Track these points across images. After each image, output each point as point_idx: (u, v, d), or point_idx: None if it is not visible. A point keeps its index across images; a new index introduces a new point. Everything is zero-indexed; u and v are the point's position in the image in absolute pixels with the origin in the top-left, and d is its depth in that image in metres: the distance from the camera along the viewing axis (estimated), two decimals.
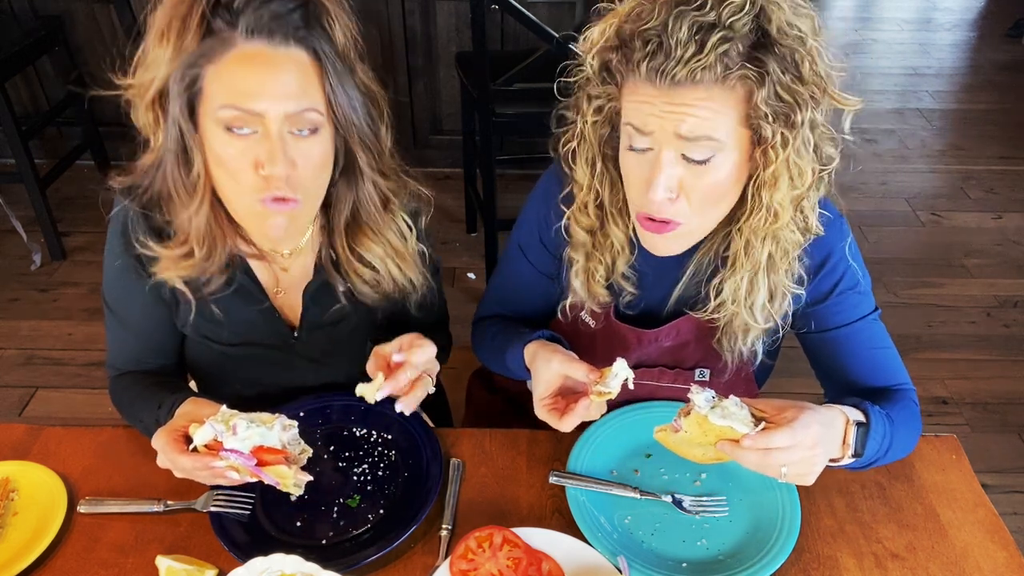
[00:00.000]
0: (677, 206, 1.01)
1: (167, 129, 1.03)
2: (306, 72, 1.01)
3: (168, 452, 1.02)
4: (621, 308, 1.24)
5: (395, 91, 3.50)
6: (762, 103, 0.94)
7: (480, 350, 1.40)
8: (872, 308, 1.17)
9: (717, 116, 0.95)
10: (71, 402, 2.54)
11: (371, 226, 1.18)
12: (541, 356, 1.13)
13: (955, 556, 1.07)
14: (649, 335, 1.24)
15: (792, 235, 1.07)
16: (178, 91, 1.00)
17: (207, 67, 0.99)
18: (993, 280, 3.11)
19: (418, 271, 1.25)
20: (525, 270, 1.33)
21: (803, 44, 0.94)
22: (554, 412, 1.09)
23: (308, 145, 1.03)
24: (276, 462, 1.02)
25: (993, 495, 1.15)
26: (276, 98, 0.99)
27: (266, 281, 1.23)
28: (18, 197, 3.19)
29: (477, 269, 3.13)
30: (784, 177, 0.99)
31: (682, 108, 0.94)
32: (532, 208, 1.29)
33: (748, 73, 0.93)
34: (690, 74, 0.92)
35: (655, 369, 1.28)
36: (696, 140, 0.96)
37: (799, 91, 0.95)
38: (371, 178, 1.14)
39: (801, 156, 0.98)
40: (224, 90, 0.99)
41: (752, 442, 0.95)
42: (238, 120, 0.99)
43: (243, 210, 1.08)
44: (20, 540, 1.08)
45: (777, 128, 0.96)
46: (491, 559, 1.02)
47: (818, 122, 0.99)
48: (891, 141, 4.10)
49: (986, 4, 6.01)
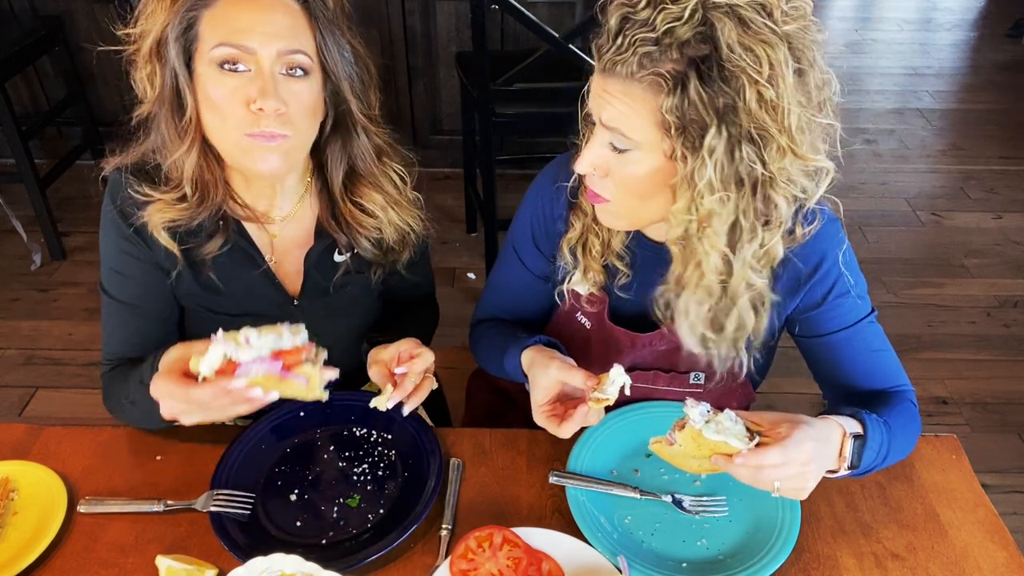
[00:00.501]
0: (604, 183, 1.05)
1: (163, 77, 1.07)
2: (296, 18, 1.07)
3: (177, 390, 0.98)
4: (616, 291, 1.23)
5: (395, 91, 3.51)
6: (667, 112, 0.92)
7: (478, 354, 1.40)
8: (868, 311, 1.17)
9: (631, 112, 0.95)
10: (71, 402, 2.54)
11: (368, 177, 1.22)
12: (539, 362, 1.13)
13: (955, 556, 1.07)
14: (643, 339, 1.24)
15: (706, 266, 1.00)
16: (175, 36, 1.04)
17: (203, 11, 1.04)
18: (993, 280, 3.11)
19: (414, 215, 1.28)
20: (519, 272, 1.33)
21: (756, 73, 0.88)
22: (553, 419, 1.09)
23: (299, 87, 1.08)
24: (299, 362, 0.98)
25: (993, 495, 1.15)
26: (268, 36, 1.04)
27: (262, 245, 1.24)
28: (18, 197, 3.19)
29: (477, 269, 3.13)
30: (682, 195, 0.96)
31: (606, 96, 0.97)
32: (526, 209, 1.29)
33: (659, 80, 0.91)
34: (611, 63, 0.94)
35: (650, 372, 1.29)
36: (613, 130, 0.98)
37: (719, 116, 0.90)
38: (364, 127, 1.18)
39: (704, 182, 0.93)
40: (218, 30, 1.03)
41: (744, 460, 0.95)
42: (231, 56, 1.03)
43: (234, 148, 1.09)
44: (20, 540, 1.07)
45: (678, 144, 0.93)
46: (491, 559, 1.02)
47: (751, 160, 0.92)
48: (891, 141, 4.10)
49: (986, 4, 6.01)
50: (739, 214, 0.96)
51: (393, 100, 3.53)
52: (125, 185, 1.15)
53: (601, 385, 1.04)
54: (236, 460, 1.18)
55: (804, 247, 1.09)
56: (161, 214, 1.14)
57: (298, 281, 1.27)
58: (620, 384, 1.03)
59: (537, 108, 2.66)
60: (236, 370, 0.96)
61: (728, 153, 0.92)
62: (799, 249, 1.09)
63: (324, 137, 1.18)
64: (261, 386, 0.97)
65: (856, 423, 1.04)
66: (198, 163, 1.12)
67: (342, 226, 1.23)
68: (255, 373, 0.96)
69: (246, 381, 0.96)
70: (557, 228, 1.24)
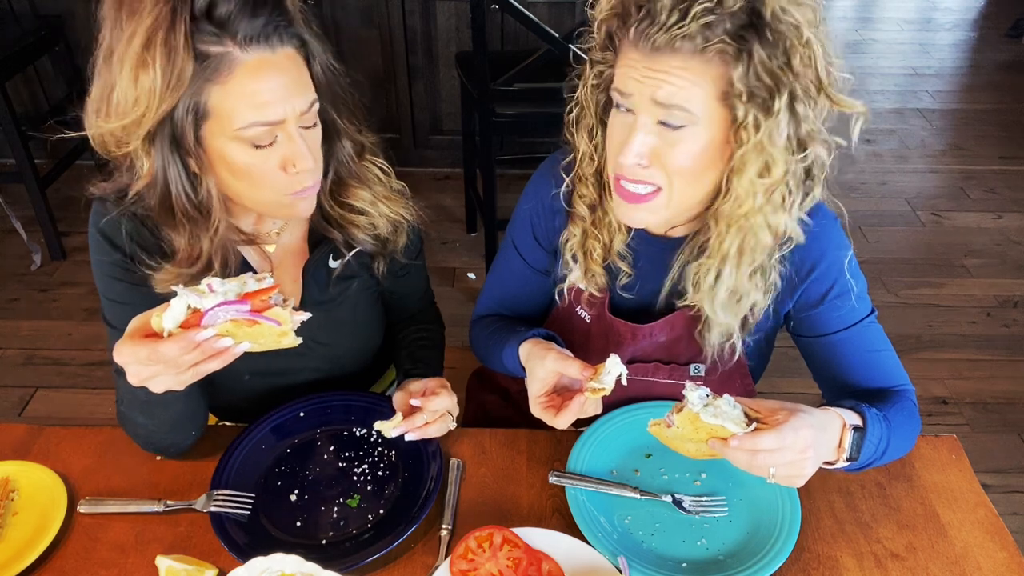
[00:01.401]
0: (650, 172, 1.02)
1: (166, 158, 1.00)
2: (299, 64, 1.03)
3: (141, 350, 0.90)
4: (617, 290, 1.23)
5: (395, 91, 3.51)
6: (738, 81, 0.93)
7: (478, 349, 1.41)
8: (868, 311, 1.17)
9: (693, 87, 0.95)
10: (71, 402, 2.55)
11: (353, 179, 1.21)
12: (535, 354, 1.13)
13: (955, 556, 1.07)
14: (643, 330, 1.24)
15: (762, 233, 1.04)
16: (188, 120, 0.98)
17: (211, 89, 0.96)
18: (993, 280, 3.11)
19: (404, 204, 1.27)
20: (519, 267, 1.33)
21: (798, 33, 0.93)
22: (549, 409, 1.10)
23: (315, 133, 1.07)
24: (268, 305, 0.92)
25: (993, 495, 1.15)
26: (289, 100, 1.00)
27: (257, 264, 1.24)
28: (18, 197, 3.19)
29: (477, 269, 3.13)
30: (752, 162, 0.98)
31: (660, 75, 0.95)
32: (525, 204, 1.29)
33: (727, 48, 0.92)
34: (670, 41, 0.93)
35: (650, 364, 1.29)
36: (670, 108, 0.97)
37: (782, 77, 0.94)
38: (348, 136, 1.17)
39: (774, 144, 0.96)
40: (242, 108, 0.97)
41: (739, 443, 0.95)
42: (265, 135, 1.00)
43: (271, 206, 1.09)
44: (20, 540, 1.07)
45: (750, 109, 0.95)
46: (491, 559, 1.02)
47: (804, 117, 0.97)
48: (891, 141, 4.10)
49: (986, 4, 6.01)
50: (792, 172, 1.00)
51: (393, 100, 3.53)
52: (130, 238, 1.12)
53: (597, 375, 1.04)
54: (236, 460, 1.18)
55: (803, 245, 1.10)
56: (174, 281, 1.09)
57: (297, 292, 1.26)
58: (616, 374, 1.03)
59: (537, 108, 2.66)
60: (202, 320, 0.90)
61: (791, 113, 0.96)
62: (798, 247, 1.09)
63: None
64: (231, 335, 0.92)
65: (856, 416, 1.04)
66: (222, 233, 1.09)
67: (335, 227, 1.23)
68: (222, 319, 0.90)
69: (214, 330, 0.90)
70: (557, 221, 1.24)
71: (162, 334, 0.91)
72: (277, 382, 1.31)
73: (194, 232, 1.08)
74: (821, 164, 1.02)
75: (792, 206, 1.03)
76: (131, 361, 0.93)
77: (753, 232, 1.04)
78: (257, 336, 0.93)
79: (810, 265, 1.13)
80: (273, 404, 1.27)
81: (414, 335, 1.42)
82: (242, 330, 0.91)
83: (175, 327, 0.90)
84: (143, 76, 0.93)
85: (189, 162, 1.02)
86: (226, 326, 0.90)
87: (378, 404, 1.27)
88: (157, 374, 0.93)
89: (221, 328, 0.90)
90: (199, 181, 1.04)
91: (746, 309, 1.12)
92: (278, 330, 0.92)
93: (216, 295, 0.90)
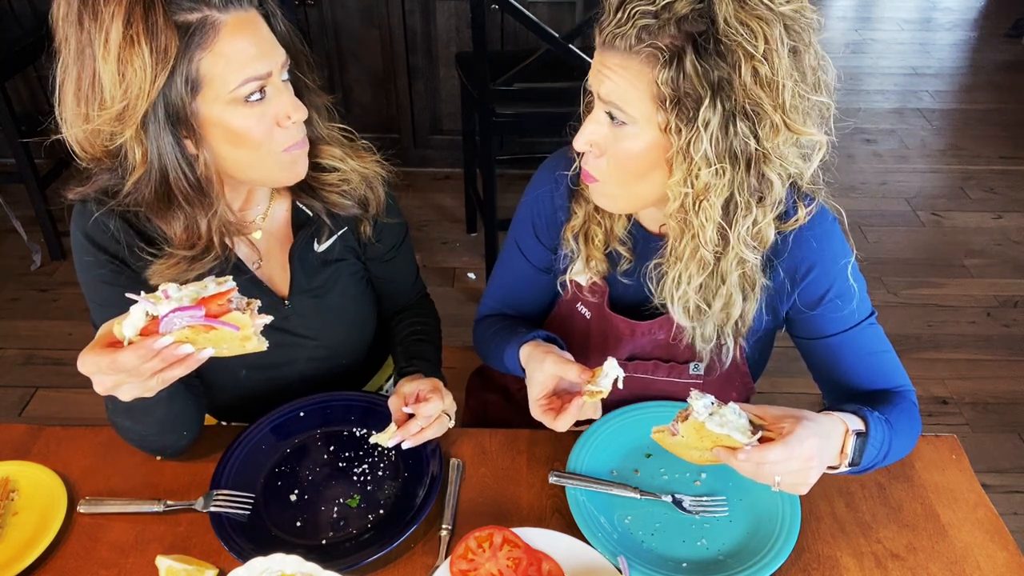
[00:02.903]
0: (598, 163, 1.05)
1: (161, 139, 1.00)
2: (263, 24, 1.05)
3: (102, 359, 0.89)
4: (618, 276, 1.24)
5: (395, 91, 3.51)
6: (663, 84, 0.94)
7: (480, 348, 1.41)
8: (868, 313, 1.16)
9: (628, 87, 0.97)
10: (71, 402, 2.54)
11: (321, 140, 1.21)
12: (535, 357, 1.14)
13: (955, 556, 1.07)
14: (643, 327, 1.24)
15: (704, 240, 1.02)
16: (183, 95, 0.98)
17: (201, 56, 0.98)
18: (993, 280, 3.11)
19: (373, 161, 1.27)
20: (521, 266, 1.33)
21: (752, 48, 0.91)
22: (549, 412, 1.10)
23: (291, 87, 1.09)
24: (226, 310, 0.89)
25: (993, 495, 1.15)
26: (270, 53, 1.03)
27: (245, 255, 1.24)
28: (18, 197, 3.19)
29: (477, 269, 3.13)
30: (678, 168, 0.99)
31: (605, 69, 0.99)
32: (526, 202, 1.30)
33: (656, 52, 0.94)
34: (612, 37, 0.96)
35: (649, 362, 1.29)
36: (610, 104, 1.00)
37: (715, 90, 0.93)
38: (315, 93, 1.17)
39: (697, 153, 0.95)
40: (233, 67, 1.00)
41: (747, 456, 0.95)
42: (258, 88, 1.02)
43: (273, 168, 1.10)
44: (20, 540, 1.07)
45: (672, 115, 0.95)
46: (491, 559, 1.01)
47: (743, 135, 0.95)
48: (891, 141, 4.10)
49: (986, 4, 6.01)
50: (734, 189, 0.99)
51: (393, 100, 3.53)
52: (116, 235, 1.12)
53: (595, 378, 1.04)
54: (236, 460, 1.18)
55: (800, 246, 1.10)
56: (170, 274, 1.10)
57: (286, 280, 1.27)
58: (613, 377, 1.03)
59: (537, 108, 2.66)
60: (159, 326, 0.88)
61: (723, 127, 0.95)
62: (795, 248, 1.10)
63: None
64: (191, 342, 0.89)
65: (858, 420, 1.04)
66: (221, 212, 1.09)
67: (311, 193, 1.23)
68: (179, 326, 0.88)
69: (172, 337, 0.88)
70: (558, 219, 1.25)
71: (123, 342, 0.90)
72: (274, 376, 1.30)
73: (192, 216, 1.08)
74: (770, 186, 1.00)
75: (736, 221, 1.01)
76: (94, 371, 0.92)
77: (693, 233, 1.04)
78: (219, 341, 0.91)
79: (807, 267, 1.13)
80: (272, 400, 1.27)
81: (408, 328, 1.41)
82: (201, 336, 0.89)
83: (135, 335, 0.88)
84: (131, 59, 0.94)
85: (184, 141, 1.03)
86: (184, 332, 0.88)
87: (378, 404, 1.27)
88: (121, 383, 0.93)
89: (179, 335, 0.88)
90: (196, 159, 1.05)
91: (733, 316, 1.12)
92: (239, 335, 0.90)
93: (171, 301, 0.87)
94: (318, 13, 3.30)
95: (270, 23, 1.07)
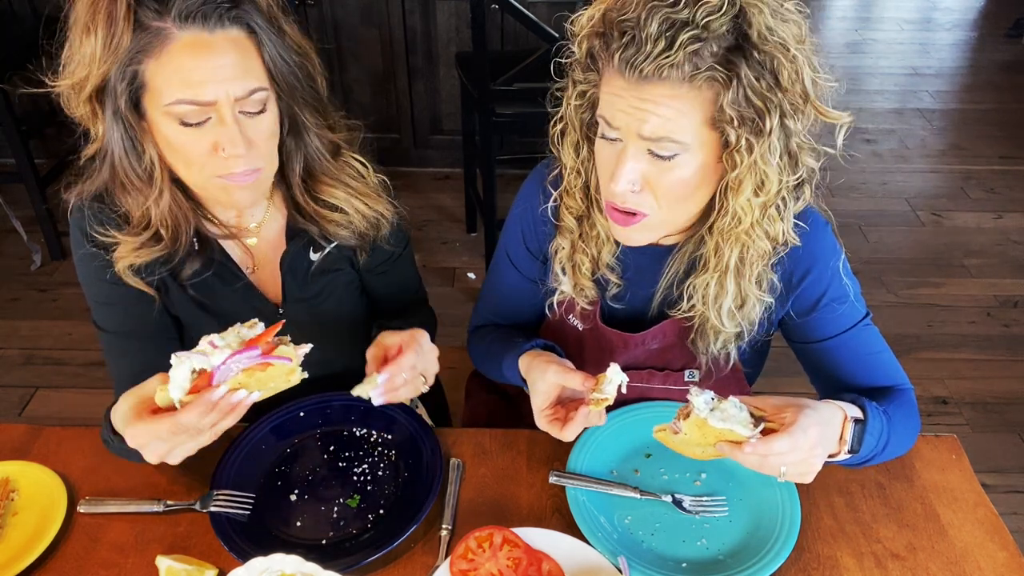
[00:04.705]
0: (641, 197, 1.02)
1: (110, 123, 1.03)
2: (245, 50, 1.02)
3: (159, 426, 0.91)
4: (608, 302, 1.24)
5: (395, 91, 3.51)
6: (728, 106, 0.93)
7: (476, 360, 1.40)
8: (863, 314, 1.17)
9: (680, 116, 0.94)
10: (71, 402, 2.54)
11: (327, 175, 1.20)
12: (536, 368, 1.13)
13: (955, 556, 1.07)
14: (635, 338, 1.24)
15: (760, 242, 1.05)
16: (121, 88, 1.00)
17: (148, 62, 0.99)
18: (993, 280, 3.11)
19: (384, 203, 1.26)
20: (513, 276, 1.33)
21: (785, 51, 0.92)
22: (555, 423, 1.10)
23: (258, 121, 1.06)
24: (273, 346, 0.93)
25: (993, 495, 1.15)
26: (224, 82, 1.00)
27: (240, 259, 1.24)
28: (18, 197, 3.19)
29: (477, 269, 3.13)
30: (748, 183, 0.98)
31: (647, 105, 0.94)
32: (516, 212, 1.29)
33: (716, 75, 0.92)
34: (657, 70, 0.91)
35: (644, 371, 1.29)
36: (658, 141, 0.96)
37: (771, 98, 0.93)
38: (317, 133, 1.16)
39: (768, 164, 0.97)
40: (172, 84, 0.99)
41: (752, 449, 0.95)
42: (193, 114, 1.00)
43: (206, 187, 1.09)
44: (20, 540, 1.07)
45: (743, 133, 0.94)
46: (491, 559, 1.01)
47: (794, 131, 0.97)
48: (891, 141, 4.09)
49: (986, 4, 6.00)
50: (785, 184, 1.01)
51: (393, 100, 3.53)
52: (89, 218, 1.13)
53: (599, 386, 1.04)
54: (236, 460, 1.18)
55: (794, 251, 1.10)
56: (132, 256, 1.11)
57: (278, 288, 1.26)
58: (617, 383, 1.03)
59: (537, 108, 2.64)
60: (213, 378, 0.90)
61: (781, 131, 0.96)
62: (790, 254, 1.10)
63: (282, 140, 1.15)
64: (244, 386, 0.92)
65: (857, 409, 1.05)
66: (170, 204, 1.10)
67: (309, 220, 1.22)
68: (235, 371, 0.90)
69: (227, 386, 0.91)
70: (545, 230, 1.24)
71: (173, 407, 0.91)
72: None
73: (141, 197, 1.09)
74: (811, 171, 1.03)
75: (787, 214, 1.05)
76: (150, 440, 0.94)
77: (752, 243, 1.05)
78: (267, 381, 0.94)
79: (803, 271, 1.13)
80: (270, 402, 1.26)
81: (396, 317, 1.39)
82: (253, 378, 0.92)
83: (185, 395, 0.90)
84: (86, 41, 0.99)
85: (134, 129, 1.04)
86: (238, 378, 0.91)
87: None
88: (178, 445, 0.95)
89: (233, 381, 0.91)
90: (143, 149, 1.06)
91: (753, 313, 1.13)
92: (287, 368, 0.93)
93: (222, 350, 0.90)
94: (318, 13, 3.30)
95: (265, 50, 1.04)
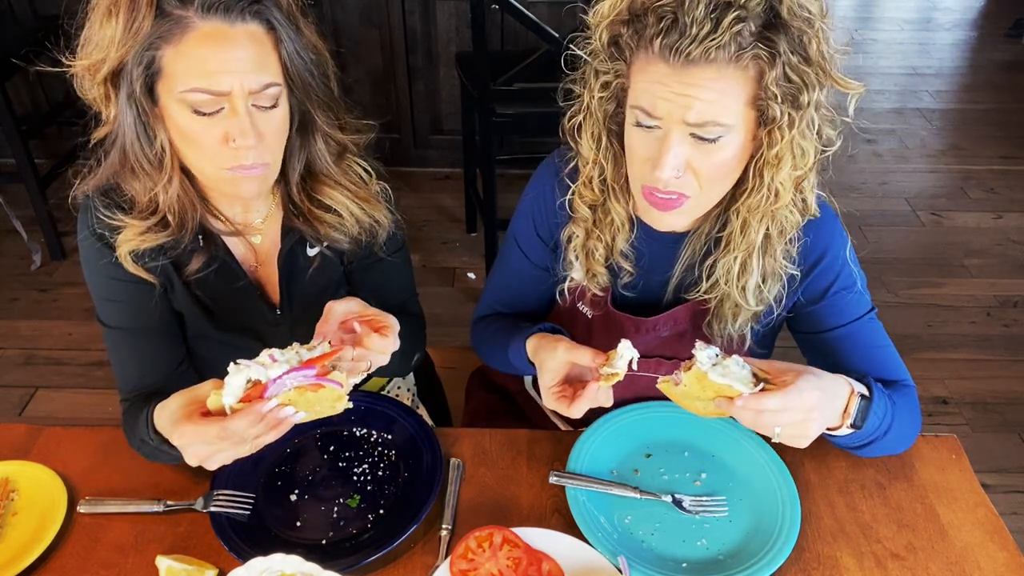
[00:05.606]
0: (684, 180, 1.02)
1: (123, 106, 1.04)
2: (263, 45, 1.03)
3: (207, 430, 0.92)
4: (619, 290, 1.24)
5: (395, 91, 3.51)
6: (772, 84, 0.94)
7: (481, 349, 1.40)
8: (869, 307, 1.18)
9: (725, 98, 0.95)
10: (71, 402, 2.55)
11: (328, 176, 1.20)
12: (545, 347, 1.13)
13: (955, 556, 1.07)
14: (647, 323, 1.24)
15: (791, 215, 1.08)
16: (137, 72, 1.01)
17: (166, 48, 1.00)
18: (993, 280, 3.11)
19: (382, 209, 1.25)
20: (522, 264, 1.33)
21: (811, 25, 0.94)
22: (563, 399, 1.09)
23: (270, 116, 1.06)
24: (328, 370, 0.94)
25: (993, 495, 1.15)
26: (240, 74, 1.01)
27: (243, 256, 1.24)
28: (18, 197, 3.19)
29: (477, 269, 3.13)
30: (788, 157, 1.00)
31: (691, 90, 0.94)
32: (527, 200, 1.29)
33: (760, 53, 0.93)
34: (704, 53, 0.92)
35: (652, 360, 1.28)
36: (703, 125, 0.96)
37: (806, 72, 0.95)
38: (324, 133, 1.16)
39: (805, 137, 0.99)
40: (189, 72, 1.00)
41: (744, 403, 0.96)
42: (207, 103, 1.01)
43: (214, 176, 1.09)
44: (20, 540, 1.07)
45: (785, 109, 0.96)
46: (491, 559, 1.01)
47: (822, 103, 1.00)
48: (891, 141, 4.10)
49: (986, 4, 6.01)
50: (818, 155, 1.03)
51: (393, 100, 3.53)
52: (95, 209, 1.14)
53: (610, 361, 1.04)
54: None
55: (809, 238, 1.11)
56: (137, 240, 1.11)
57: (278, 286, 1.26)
58: (628, 358, 1.03)
59: (537, 108, 2.66)
60: (265, 391, 0.91)
61: (815, 104, 0.98)
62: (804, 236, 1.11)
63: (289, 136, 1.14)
64: (292, 403, 0.94)
65: (863, 387, 1.06)
66: (179, 190, 1.10)
67: (302, 219, 1.21)
68: (288, 387, 0.91)
69: (277, 400, 0.92)
70: (558, 217, 1.24)
71: (223, 412, 0.92)
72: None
73: (150, 183, 1.10)
74: (830, 141, 1.05)
75: (814, 185, 1.08)
76: (196, 441, 0.95)
77: (784, 217, 1.07)
78: (314, 403, 0.95)
79: (816, 256, 1.14)
80: None
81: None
82: (303, 398, 0.93)
83: (236, 403, 0.91)
84: (107, 24, 1.00)
85: (148, 115, 1.05)
86: (289, 395, 0.92)
87: (378, 404, 1.27)
88: (220, 451, 0.96)
89: (283, 397, 0.92)
90: (155, 135, 1.06)
91: (775, 287, 1.14)
92: (336, 393, 0.94)
93: (280, 364, 0.91)
94: (318, 13, 3.30)
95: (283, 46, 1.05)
